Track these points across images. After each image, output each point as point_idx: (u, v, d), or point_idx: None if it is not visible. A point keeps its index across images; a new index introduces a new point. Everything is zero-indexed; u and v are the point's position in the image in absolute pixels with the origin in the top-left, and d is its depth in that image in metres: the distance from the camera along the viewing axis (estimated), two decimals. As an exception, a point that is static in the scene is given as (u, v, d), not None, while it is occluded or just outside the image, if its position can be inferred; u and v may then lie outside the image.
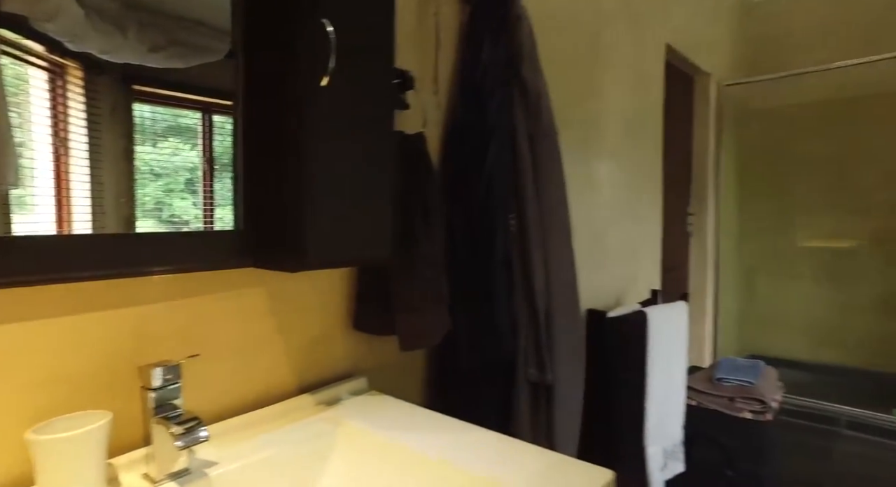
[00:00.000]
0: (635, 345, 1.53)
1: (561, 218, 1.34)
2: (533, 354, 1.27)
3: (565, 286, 1.33)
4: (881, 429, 2.53)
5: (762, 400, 1.73)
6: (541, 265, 1.27)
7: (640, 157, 2.17)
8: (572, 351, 1.33)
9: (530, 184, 1.29)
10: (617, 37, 1.95)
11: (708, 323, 3.05)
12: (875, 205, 3.27)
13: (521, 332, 1.26)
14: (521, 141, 1.29)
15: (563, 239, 1.34)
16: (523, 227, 1.27)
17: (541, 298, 1.27)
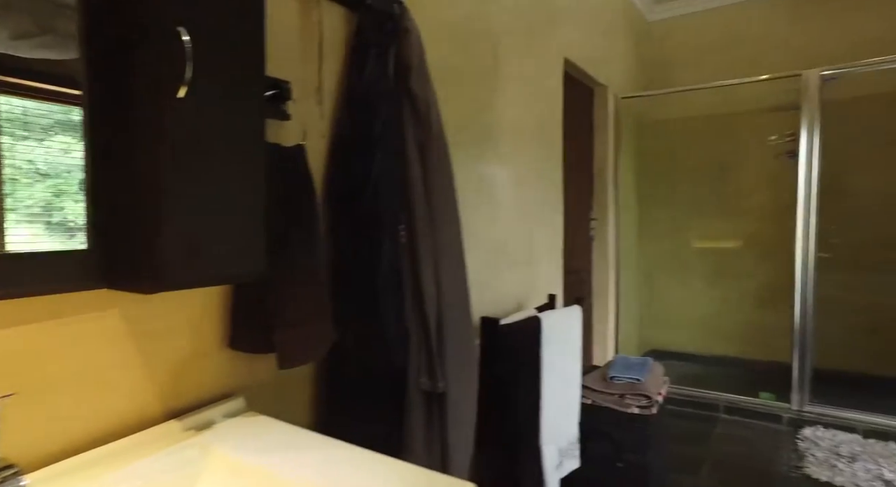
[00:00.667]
0: (530, 351, 1.59)
1: (452, 228, 1.36)
2: (424, 363, 1.28)
3: (457, 295, 1.35)
4: (751, 411, 2.80)
5: (648, 396, 1.86)
6: (431, 275, 1.29)
7: (540, 165, 2.26)
8: (465, 358, 1.36)
9: (420, 194, 1.31)
10: (515, 50, 2.02)
11: (610, 323, 3.24)
12: (751, 209, 3.63)
13: (412, 342, 1.27)
14: (411, 151, 1.30)
15: (455, 248, 1.37)
16: (413, 237, 1.28)
17: (431, 307, 1.28)
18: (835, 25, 3.27)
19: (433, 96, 1.35)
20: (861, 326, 3.29)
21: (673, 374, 3.54)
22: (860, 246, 3.31)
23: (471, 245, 1.79)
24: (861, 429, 2.55)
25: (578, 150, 3.03)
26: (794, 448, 2.47)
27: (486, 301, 1.85)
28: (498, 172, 1.96)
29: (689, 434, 2.64)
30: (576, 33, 2.61)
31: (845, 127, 3.11)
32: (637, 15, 3.69)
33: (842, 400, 2.72)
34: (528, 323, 1.59)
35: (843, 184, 3.18)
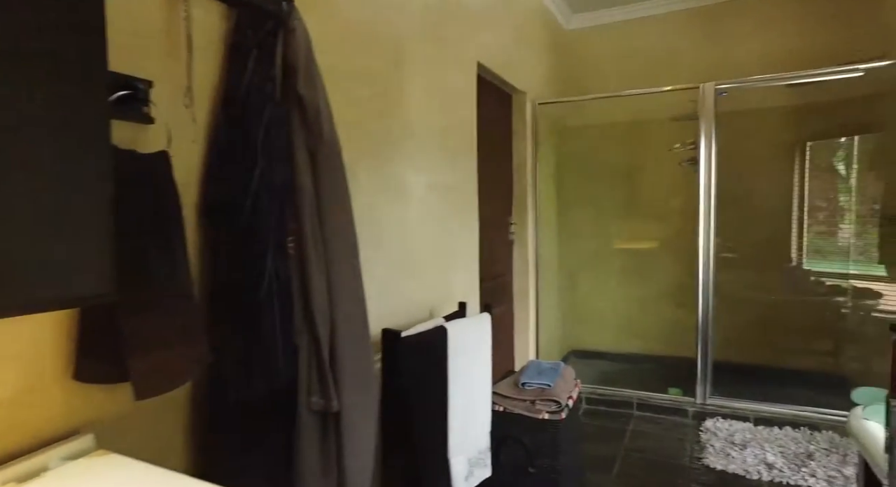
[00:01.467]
0: (436, 362, 1.56)
1: (346, 239, 1.30)
2: (316, 382, 1.21)
3: (351, 308, 1.29)
4: (661, 407, 2.94)
5: (557, 401, 1.88)
6: (322, 289, 1.22)
7: (454, 170, 2.24)
8: (362, 374, 1.30)
9: (311, 203, 1.24)
10: (425, 53, 1.99)
11: (531, 326, 3.29)
12: (662, 213, 3.83)
13: (302, 359, 1.20)
14: (300, 158, 1.23)
15: (349, 259, 1.31)
16: (302, 249, 1.21)
17: (323, 323, 1.21)
18: (732, 43, 3.51)
19: (324, 100, 1.28)
20: (754, 321, 3.54)
21: (592, 374, 3.68)
22: (754, 247, 3.57)
23: (379, 253, 1.74)
24: (753, 418, 2.73)
25: (497, 155, 3.06)
26: (696, 439, 2.60)
27: (396, 310, 1.80)
28: (409, 178, 1.92)
29: (604, 433, 2.72)
30: (491, 39, 2.63)
31: (738, 137, 3.35)
32: (555, 24, 3.78)
33: (738, 391, 2.91)
34: (433, 335, 1.56)
35: (738, 189, 3.41)
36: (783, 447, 2.45)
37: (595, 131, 3.98)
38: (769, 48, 3.38)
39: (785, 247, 3.62)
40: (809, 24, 3.31)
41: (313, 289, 1.21)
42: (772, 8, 3.41)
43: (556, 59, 3.76)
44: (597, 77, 3.86)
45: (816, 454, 2.38)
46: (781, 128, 3.54)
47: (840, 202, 3.54)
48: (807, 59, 3.20)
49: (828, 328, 3.48)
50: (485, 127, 2.75)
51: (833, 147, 3.57)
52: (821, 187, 3.58)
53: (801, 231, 3.59)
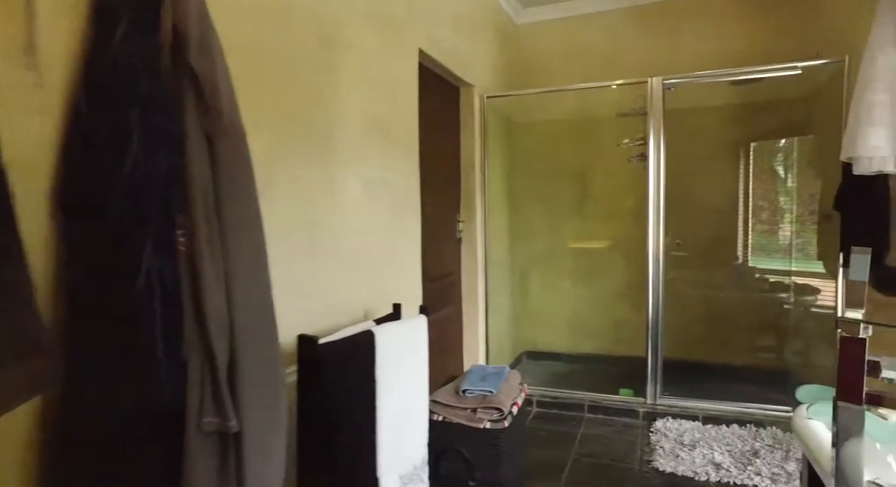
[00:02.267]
0: (362, 371, 1.41)
1: (251, 237, 1.14)
2: (210, 398, 1.04)
3: (256, 313, 1.13)
4: (612, 409, 2.88)
5: (500, 409, 1.76)
6: (219, 293, 1.05)
7: (393, 164, 2.09)
8: (268, 388, 1.14)
9: (207, 194, 1.06)
10: (359, 35, 1.84)
11: (480, 327, 3.18)
12: (614, 211, 3.80)
13: (192, 375, 1.03)
14: (194, 144, 1.05)
15: (254, 259, 1.14)
16: (194, 248, 1.04)
17: (219, 332, 1.04)
18: (677, 41, 3.51)
19: (225, 77, 1.11)
20: (702, 318, 3.56)
21: (544, 376, 3.61)
22: (702, 245, 3.58)
23: (309, 252, 1.57)
24: (702, 416, 2.71)
25: (444, 150, 2.93)
26: (647, 441, 2.55)
27: (328, 312, 1.64)
28: (342, 171, 1.76)
29: (554, 438, 2.63)
30: (435, 26, 2.49)
31: (686, 135, 3.35)
32: (505, 17, 3.69)
33: (687, 389, 2.89)
34: (358, 340, 1.41)
35: (686, 187, 3.41)
36: (730, 445, 2.43)
37: (545, 127, 3.91)
38: (713, 47, 3.40)
39: (731, 245, 3.65)
40: (751, 24, 3.35)
41: (207, 294, 1.04)
42: (714, 7, 3.43)
43: (507, 53, 3.67)
44: (546, 72, 3.79)
45: (761, 451, 2.37)
46: (727, 128, 3.57)
47: (781, 201, 3.60)
48: (749, 57, 3.23)
49: (771, 324, 3.53)
50: (430, 120, 2.62)
51: (774, 148, 3.63)
52: (764, 186, 3.63)
53: (746, 229, 3.63)
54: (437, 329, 2.76)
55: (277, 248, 1.44)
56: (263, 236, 1.17)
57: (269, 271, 1.18)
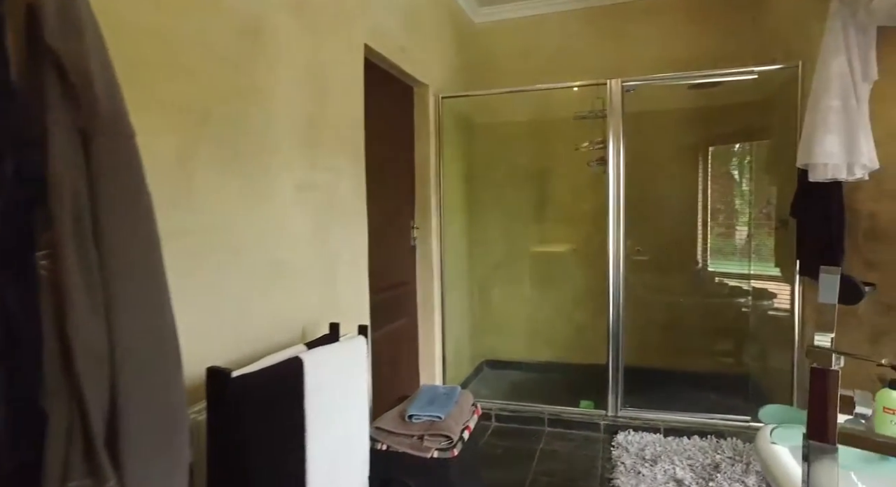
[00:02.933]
0: (287, 404, 1.24)
1: (142, 252, 0.95)
2: (80, 460, 0.86)
3: (149, 350, 0.94)
4: (572, 422, 2.78)
5: (449, 436, 1.62)
6: (95, 326, 0.87)
7: (333, 168, 1.92)
8: (163, 436, 0.96)
9: (78, 205, 0.88)
10: (291, 26, 1.66)
11: (437, 339, 3.03)
12: (575, 215, 3.71)
13: (54, 430, 0.84)
14: (60, 142, 0.86)
15: (146, 282, 0.96)
16: (61, 274, 0.85)
17: (94, 376, 0.86)
18: (635, 44, 3.45)
19: (101, 63, 0.92)
20: (663, 324, 3.52)
21: (504, 387, 3.49)
22: (662, 249, 3.54)
23: (231, 268, 1.39)
24: (663, 428, 2.64)
25: (396, 153, 2.77)
26: (608, 456, 2.45)
27: (256, 336, 1.46)
28: (272, 176, 1.58)
29: (512, 455, 2.51)
30: (384, 21, 2.34)
31: (645, 138, 3.29)
32: (462, 15, 3.56)
33: (649, 399, 2.82)
34: (282, 370, 1.24)
35: (645, 191, 3.36)
36: (692, 459, 2.36)
37: (503, 129, 3.80)
38: (671, 50, 3.36)
39: (691, 250, 3.63)
40: (708, 29, 3.32)
41: (78, 329, 0.85)
42: (672, 11, 3.40)
43: (465, 52, 3.54)
44: (505, 72, 3.67)
45: (722, 464, 2.30)
46: (686, 131, 3.54)
47: (738, 206, 3.60)
48: (707, 61, 3.19)
49: (731, 328, 3.51)
50: (380, 120, 2.46)
51: (731, 152, 3.62)
52: (722, 191, 3.62)
53: (705, 234, 3.61)
54: (389, 343, 2.60)
55: (189, 267, 1.26)
56: (159, 253, 0.99)
57: (167, 295, 1.00)
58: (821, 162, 2.10)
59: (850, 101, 2.06)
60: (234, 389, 1.10)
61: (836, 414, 0.86)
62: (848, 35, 2.04)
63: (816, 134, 2.11)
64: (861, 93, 2.05)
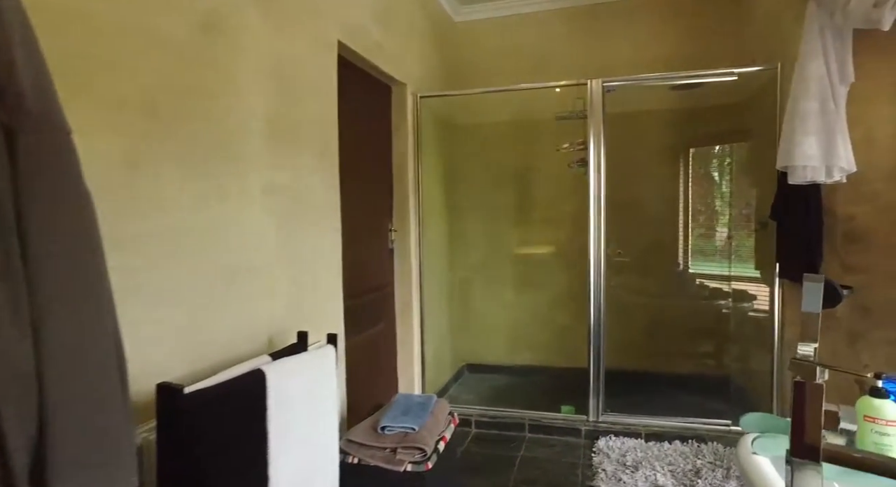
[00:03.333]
0: (247, 420, 1.16)
1: (74, 260, 0.87)
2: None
3: (84, 368, 0.86)
4: (553, 427, 2.74)
5: (423, 449, 1.55)
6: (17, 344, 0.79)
7: (304, 170, 1.85)
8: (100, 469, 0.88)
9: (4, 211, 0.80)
10: (253, 21, 1.58)
11: (416, 343, 2.97)
12: (557, 217, 3.68)
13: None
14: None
15: (82, 292, 0.88)
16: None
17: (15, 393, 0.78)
18: (616, 44, 3.43)
19: (29, 50, 0.84)
20: (644, 326, 3.50)
21: (485, 392, 3.44)
22: (643, 251, 3.52)
23: (194, 276, 1.31)
24: (644, 433, 2.60)
25: (373, 154, 2.70)
26: (588, 463, 2.41)
27: (219, 345, 1.38)
28: (235, 176, 1.50)
29: (492, 463, 2.45)
30: (359, 18, 2.27)
31: (627, 140, 3.27)
32: (442, 14, 3.51)
33: (630, 403, 2.79)
34: (241, 383, 1.16)
35: (627, 192, 3.33)
36: (672, 464, 2.33)
37: (484, 130, 3.75)
38: (652, 50, 3.34)
39: (673, 252, 3.62)
40: (688, 30, 3.31)
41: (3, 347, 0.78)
42: (653, 11, 3.38)
43: (444, 51, 3.49)
44: (486, 72, 3.62)
45: (703, 470, 2.28)
46: (667, 133, 3.53)
47: (718, 207, 3.60)
48: (687, 62, 3.18)
49: (712, 330, 3.51)
50: (356, 119, 2.39)
51: (712, 154, 3.62)
52: (703, 193, 3.62)
53: (686, 235, 3.60)
54: (367, 348, 2.53)
55: (138, 275, 1.18)
56: (100, 260, 0.90)
57: (109, 307, 0.92)
58: (800, 164, 2.09)
59: (829, 104, 2.05)
60: (187, 406, 1.03)
61: (819, 431, 0.82)
62: (825, 37, 2.03)
63: (795, 136, 2.09)
64: (839, 95, 2.04)
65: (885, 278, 2.07)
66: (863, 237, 2.16)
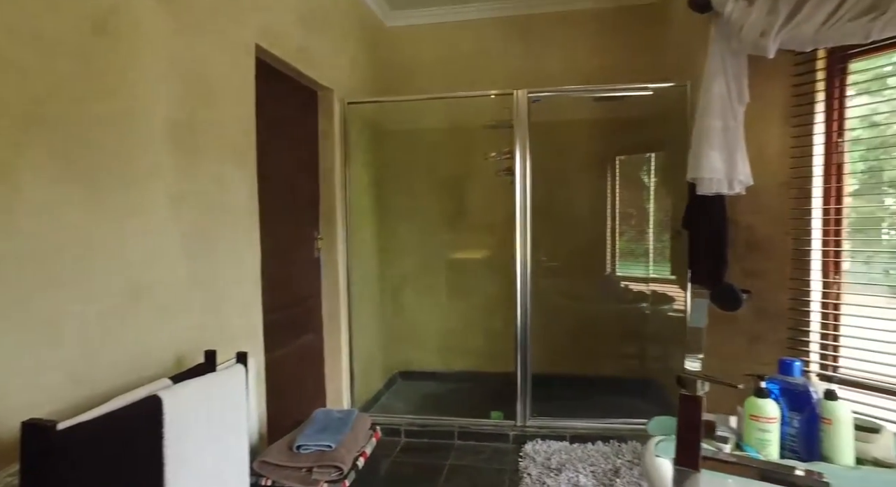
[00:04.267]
0: (140, 453, 1.08)
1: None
2: None
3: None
4: (482, 434, 2.77)
5: (339, 467, 1.52)
6: None
7: (215, 179, 1.76)
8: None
9: None
10: (156, 22, 1.49)
11: (344, 352, 2.91)
12: (487, 224, 3.73)
13: None
14: None
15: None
16: None
17: None
18: (543, 55, 3.53)
19: None
20: (570, 329, 3.61)
21: (416, 400, 3.42)
22: (571, 256, 3.64)
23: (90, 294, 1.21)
24: (569, 436, 2.68)
25: (298, 161, 2.63)
26: (514, 468, 2.45)
27: (107, 375, 1.28)
28: (136, 186, 1.41)
29: (420, 473, 2.44)
30: (279, 21, 2.20)
31: (554, 148, 3.37)
32: (373, 18, 3.47)
33: (556, 407, 2.86)
34: (131, 413, 1.08)
35: (555, 199, 3.43)
36: (594, 465, 2.41)
37: (416, 136, 3.75)
38: (577, 63, 3.47)
39: (599, 257, 3.76)
40: (610, 45, 3.47)
41: None
42: (577, 25, 3.51)
43: (376, 55, 3.46)
44: (416, 78, 3.63)
45: (622, 469, 2.37)
46: (592, 142, 3.67)
47: (641, 215, 3.78)
48: (610, 75, 3.34)
49: (634, 333, 3.67)
50: (279, 126, 2.32)
51: (637, 163, 3.80)
52: (628, 200, 3.79)
53: (613, 241, 3.76)
54: (293, 362, 2.45)
55: (12, 299, 1.08)
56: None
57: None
58: (706, 176, 2.23)
59: (730, 122, 2.20)
60: (63, 444, 0.94)
61: (699, 439, 0.87)
62: (725, 60, 2.18)
63: (702, 150, 2.23)
64: (737, 114, 2.20)
65: (777, 282, 2.24)
66: (760, 244, 2.33)
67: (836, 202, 2.09)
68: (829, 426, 1.30)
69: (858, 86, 2.01)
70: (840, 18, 1.64)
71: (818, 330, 2.16)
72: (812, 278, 2.16)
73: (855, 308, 2.05)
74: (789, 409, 1.35)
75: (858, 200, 2.12)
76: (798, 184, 2.17)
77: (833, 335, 2.14)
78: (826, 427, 1.30)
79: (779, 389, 1.37)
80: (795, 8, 1.79)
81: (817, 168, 2.13)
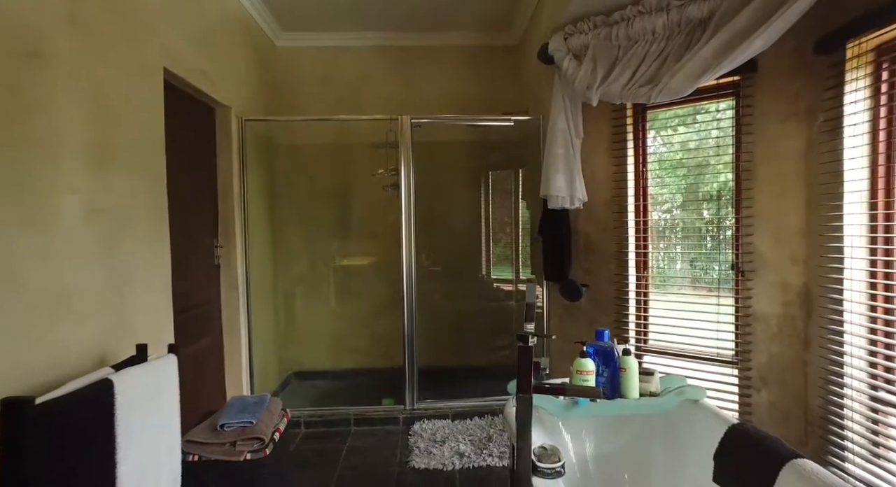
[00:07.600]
0: (97, 427, 1.28)
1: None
2: None
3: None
4: (376, 419, 3.11)
5: (261, 438, 1.77)
6: None
7: (129, 190, 1.91)
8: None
9: None
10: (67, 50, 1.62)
11: (244, 355, 3.06)
12: (374, 233, 4.08)
13: None
14: None
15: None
16: None
17: None
18: (422, 83, 4.01)
19: None
20: (453, 327, 4.10)
21: (312, 395, 3.66)
22: (452, 261, 4.14)
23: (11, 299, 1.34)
24: (451, 414, 3.13)
25: (198, 173, 2.77)
26: (405, 444, 2.83)
27: (44, 367, 1.41)
28: (53, 199, 1.53)
29: (320, 457, 2.71)
30: (182, 45, 2.36)
31: (436, 165, 3.84)
32: (264, 38, 3.67)
33: (440, 392, 3.30)
34: (90, 393, 1.28)
35: (437, 210, 3.91)
36: (472, 435, 2.87)
37: (307, 151, 4.01)
38: (453, 91, 4.00)
39: (476, 260, 4.30)
40: (478, 78, 4.05)
41: None
42: (449, 60, 4.04)
43: (267, 74, 3.65)
44: (306, 96, 3.90)
45: (494, 436, 2.86)
46: (468, 160, 4.22)
47: (509, 223, 4.40)
48: (479, 104, 3.91)
49: (504, 326, 4.26)
50: (180, 142, 2.46)
51: (503, 179, 4.42)
52: (498, 211, 4.39)
53: (487, 246, 4.32)
54: (194, 362, 2.58)
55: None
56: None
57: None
58: (554, 194, 2.82)
59: (570, 151, 2.81)
60: (37, 418, 1.12)
61: (530, 374, 1.33)
62: (566, 102, 2.79)
63: (550, 172, 2.82)
64: (576, 145, 2.82)
65: (606, 278, 2.90)
66: (594, 248, 2.98)
67: (644, 215, 2.79)
68: (625, 373, 1.87)
69: (654, 129, 2.74)
70: (633, 84, 2.29)
71: (634, 312, 2.85)
72: (629, 274, 2.84)
73: (659, 295, 2.77)
74: (602, 364, 1.91)
75: (656, 213, 2.85)
76: (618, 202, 2.86)
77: (644, 316, 2.84)
78: (623, 374, 1.87)
79: (594, 351, 1.92)
80: (607, 72, 2.44)
81: (630, 189, 2.82)
